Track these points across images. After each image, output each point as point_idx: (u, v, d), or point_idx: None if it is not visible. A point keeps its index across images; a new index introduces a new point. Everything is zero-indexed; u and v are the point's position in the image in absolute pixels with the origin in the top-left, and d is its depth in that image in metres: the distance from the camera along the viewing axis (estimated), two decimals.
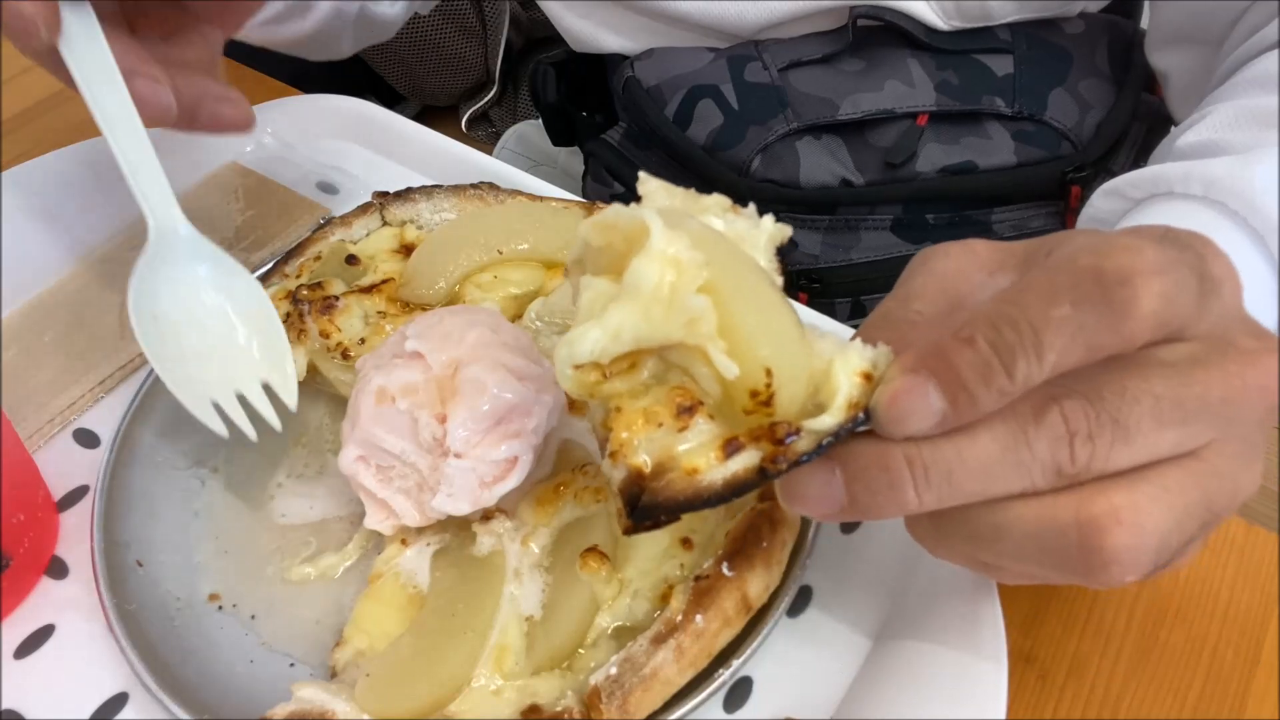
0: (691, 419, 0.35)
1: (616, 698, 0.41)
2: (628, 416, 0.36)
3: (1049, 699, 0.46)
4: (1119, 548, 0.32)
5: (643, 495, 0.35)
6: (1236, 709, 0.45)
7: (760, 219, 0.39)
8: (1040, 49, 0.83)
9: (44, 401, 0.57)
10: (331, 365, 0.55)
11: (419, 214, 0.63)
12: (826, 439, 0.34)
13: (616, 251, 0.35)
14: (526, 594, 0.46)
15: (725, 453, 0.34)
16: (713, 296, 0.33)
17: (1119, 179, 0.60)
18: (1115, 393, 0.33)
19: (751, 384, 0.34)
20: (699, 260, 0.33)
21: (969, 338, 0.32)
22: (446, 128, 0.73)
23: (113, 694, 0.46)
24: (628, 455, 0.35)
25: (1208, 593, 0.49)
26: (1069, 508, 0.33)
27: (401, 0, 0.89)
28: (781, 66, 0.82)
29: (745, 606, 0.43)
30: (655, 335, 0.34)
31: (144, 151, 0.53)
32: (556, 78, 1.01)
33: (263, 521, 0.53)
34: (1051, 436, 0.32)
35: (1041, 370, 0.32)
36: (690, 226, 0.35)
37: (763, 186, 0.83)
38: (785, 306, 0.36)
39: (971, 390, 0.32)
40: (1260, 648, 0.47)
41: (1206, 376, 0.33)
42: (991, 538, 0.35)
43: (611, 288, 0.34)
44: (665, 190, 0.39)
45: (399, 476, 0.47)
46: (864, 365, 0.34)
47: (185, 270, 0.54)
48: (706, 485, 0.34)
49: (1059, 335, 0.31)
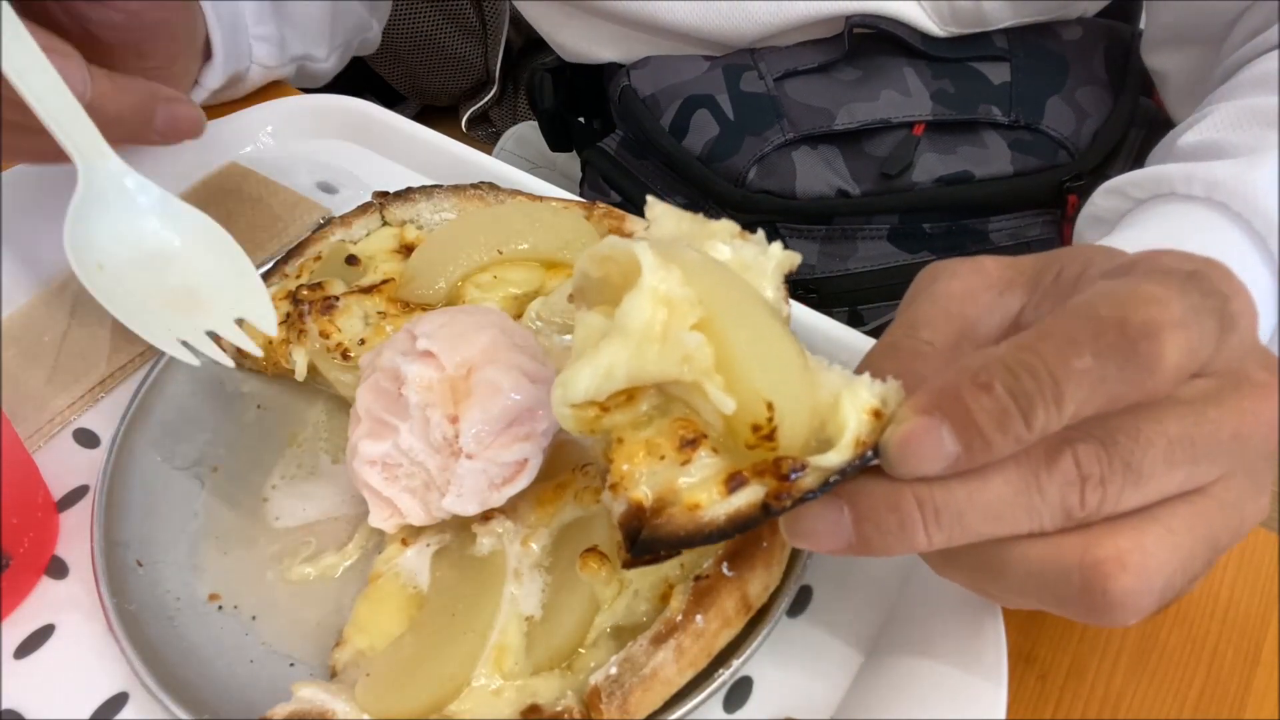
0: (694, 452, 0.35)
1: (616, 698, 0.41)
2: (629, 448, 0.35)
3: (1049, 699, 0.46)
4: (1123, 592, 0.33)
5: (643, 530, 0.34)
6: (1236, 709, 0.45)
7: (769, 246, 0.39)
8: (1037, 57, 0.83)
9: (44, 401, 0.56)
10: (331, 365, 0.55)
11: (419, 214, 0.64)
12: (833, 476, 0.33)
13: (614, 284, 0.35)
14: (526, 594, 0.46)
15: (728, 488, 0.34)
16: (708, 332, 0.33)
17: (1121, 178, 0.60)
18: (1129, 436, 0.33)
19: (752, 418, 0.33)
20: (691, 298, 0.33)
21: (987, 384, 0.32)
22: (446, 128, 0.73)
23: (113, 694, 0.46)
24: (628, 488, 0.34)
25: (1208, 593, 0.49)
26: (1075, 550, 0.33)
27: (335, 54, 0.89)
28: (777, 76, 0.83)
29: (745, 606, 0.43)
30: (649, 373, 0.34)
31: (61, 94, 0.50)
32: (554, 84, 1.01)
33: (262, 521, 0.53)
34: (1063, 481, 0.33)
35: (1060, 420, 0.32)
36: (687, 259, 0.34)
37: (759, 197, 0.83)
38: (788, 339, 0.35)
39: (987, 436, 0.32)
40: (1260, 648, 0.47)
41: (1219, 415, 0.33)
42: (997, 572, 0.35)
43: (605, 323, 0.34)
44: (673, 215, 0.39)
45: (406, 475, 0.47)
46: (873, 401, 0.34)
47: (124, 211, 0.52)
48: (709, 521, 0.34)
49: (1080, 387, 0.31)
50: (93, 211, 0.51)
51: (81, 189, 0.51)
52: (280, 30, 0.79)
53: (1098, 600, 0.33)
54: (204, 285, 0.53)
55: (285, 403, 0.58)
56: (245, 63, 0.77)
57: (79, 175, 0.51)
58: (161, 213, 0.53)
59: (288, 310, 0.58)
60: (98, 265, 0.51)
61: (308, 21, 0.83)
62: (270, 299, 0.54)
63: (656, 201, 0.39)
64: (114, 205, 0.52)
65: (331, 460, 0.55)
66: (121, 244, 0.51)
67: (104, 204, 0.51)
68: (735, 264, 0.38)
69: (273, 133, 0.75)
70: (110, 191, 0.52)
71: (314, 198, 0.70)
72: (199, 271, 0.53)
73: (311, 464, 0.55)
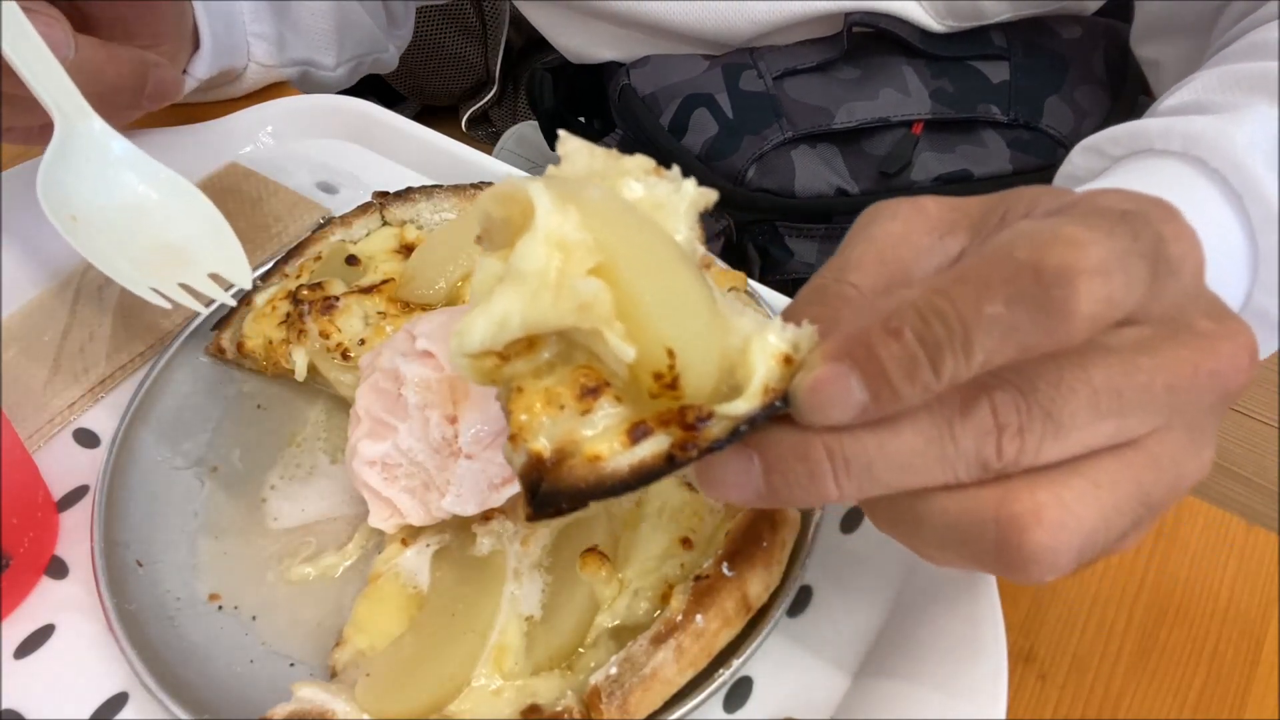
0: (596, 401, 0.33)
1: (616, 698, 0.41)
2: (527, 398, 0.33)
3: (1049, 699, 0.46)
4: (1037, 547, 0.31)
5: (543, 482, 0.32)
6: (1236, 709, 0.45)
7: (683, 183, 0.36)
8: (1036, 56, 0.83)
9: (44, 401, 0.56)
10: (331, 365, 0.55)
11: (419, 214, 0.64)
12: (741, 425, 0.32)
13: (516, 225, 0.33)
14: (526, 594, 0.46)
15: (631, 438, 0.32)
16: (608, 276, 0.31)
17: (1098, 135, 0.58)
18: (1050, 384, 0.31)
19: (654, 366, 0.32)
20: (588, 241, 0.31)
21: (896, 329, 0.30)
22: (446, 128, 0.73)
23: (113, 694, 0.46)
24: (527, 439, 0.32)
25: (1208, 593, 0.49)
26: (990, 503, 0.31)
27: (345, 67, 0.89)
28: (776, 75, 0.83)
29: (745, 606, 0.43)
30: (546, 321, 0.32)
31: (41, 53, 0.52)
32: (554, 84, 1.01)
33: (262, 521, 0.53)
34: (978, 431, 0.31)
35: (970, 369, 0.30)
36: (587, 198, 0.32)
37: (758, 195, 0.83)
38: (694, 282, 0.33)
39: (895, 385, 0.30)
40: (1260, 648, 0.47)
41: (1152, 364, 0.31)
42: (913, 525, 0.34)
43: (501, 268, 0.32)
44: (585, 151, 0.36)
45: (405, 476, 0.47)
46: (783, 347, 0.32)
47: (100, 166, 0.53)
48: (611, 472, 0.32)
49: (990, 334, 0.29)
50: (68, 164, 0.53)
51: (57, 142, 0.53)
52: (279, 30, 0.79)
53: (1013, 555, 0.31)
54: (179, 240, 0.54)
55: (285, 403, 0.58)
56: (241, 59, 0.77)
57: (55, 128, 0.53)
58: (137, 169, 0.55)
59: (288, 310, 0.58)
60: (71, 216, 0.52)
61: (312, 27, 0.83)
62: (244, 254, 0.55)
63: (569, 136, 0.37)
64: (90, 159, 0.53)
65: (331, 460, 0.55)
66: (95, 196, 0.53)
67: (80, 157, 0.53)
68: (647, 203, 0.35)
69: (273, 133, 0.75)
70: (87, 146, 0.53)
71: (314, 198, 0.70)
72: (175, 227, 0.55)
73: (311, 464, 0.55)
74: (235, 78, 0.78)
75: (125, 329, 0.60)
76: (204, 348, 0.59)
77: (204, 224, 0.56)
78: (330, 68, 0.86)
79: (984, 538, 0.32)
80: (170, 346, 0.58)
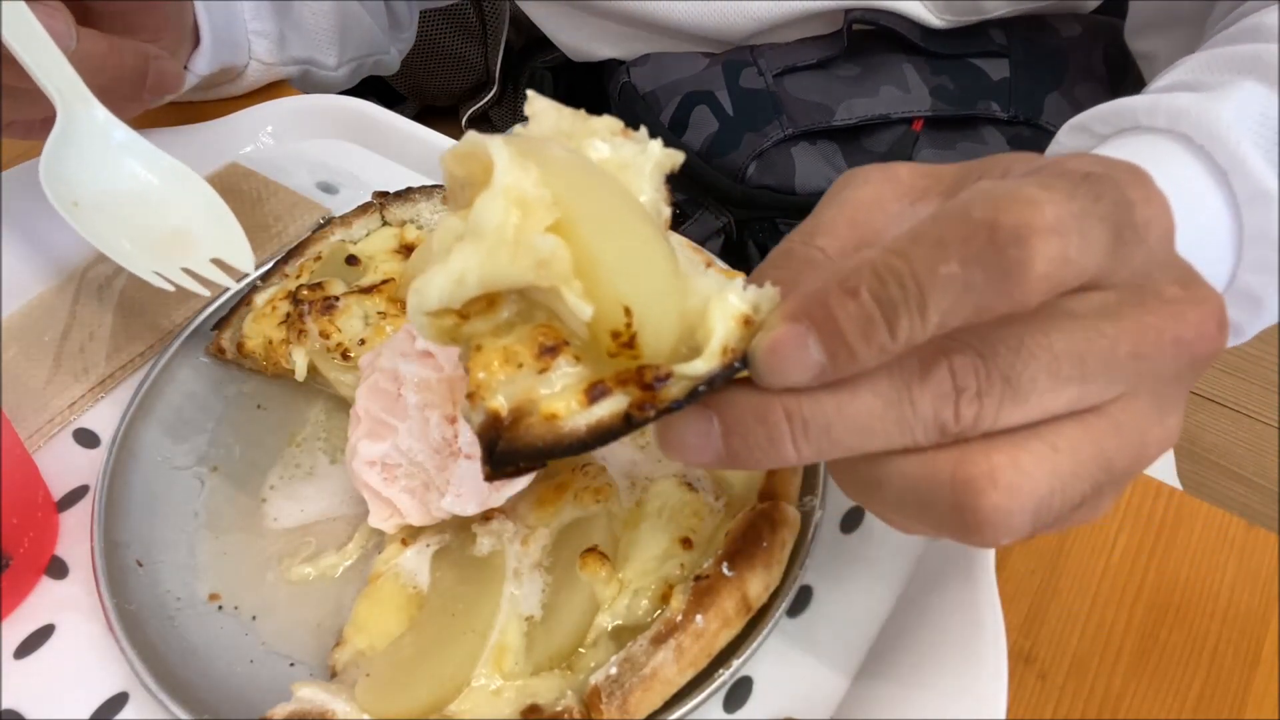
0: (554, 360, 0.33)
1: (616, 698, 0.41)
2: (486, 356, 0.33)
3: (1049, 699, 0.46)
4: (992, 509, 0.31)
5: (500, 440, 0.32)
6: (1236, 709, 0.45)
7: (649, 144, 0.36)
8: (1036, 53, 0.83)
9: (44, 401, 0.56)
10: (331, 365, 0.55)
11: (419, 214, 0.64)
12: (699, 385, 0.32)
13: (477, 183, 0.32)
14: (526, 594, 0.46)
15: (589, 397, 0.32)
16: (567, 234, 0.31)
17: (1086, 113, 0.57)
18: (1010, 348, 0.31)
19: (611, 324, 0.31)
20: (547, 198, 0.31)
21: (853, 289, 0.30)
22: (446, 128, 0.73)
23: (113, 694, 0.46)
24: (485, 397, 0.32)
25: (1208, 593, 0.49)
26: (947, 466, 0.31)
27: (347, 67, 0.89)
28: (776, 72, 0.83)
29: (745, 606, 0.43)
30: (504, 278, 0.31)
31: (42, 41, 0.53)
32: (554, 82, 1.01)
33: (262, 521, 0.53)
34: (937, 394, 0.31)
35: (925, 330, 0.30)
36: (548, 155, 0.32)
37: (758, 192, 0.83)
38: (655, 242, 0.33)
39: (852, 345, 0.30)
40: (1260, 648, 0.47)
41: (1115, 330, 0.31)
42: (871, 488, 0.33)
43: (461, 226, 0.32)
44: (553, 111, 0.36)
45: (405, 476, 0.47)
46: (743, 308, 0.32)
47: (101, 152, 0.54)
48: (569, 431, 0.32)
49: (944, 295, 0.29)
50: (70, 151, 0.53)
51: (59, 129, 0.53)
52: (280, 28, 0.79)
53: (968, 518, 0.31)
54: (181, 224, 0.55)
55: (285, 402, 0.58)
56: (242, 57, 0.77)
57: (58, 115, 0.53)
58: (139, 156, 0.56)
59: (288, 310, 0.58)
60: (74, 202, 0.53)
61: (314, 25, 0.83)
62: (247, 240, 0.56)
63: (537, 96, 0.36)
64: (92, 146, 0.54)
65: (331, 460, 0.55)
66: (97, 182, 0.54)
67: (82, 144, 0.54)
68: (613, 163, 0.35)
69: (273, 133, 0.75)
70: (89, 133, 0.54)
71: (314, 198, 0.70)
72: (176, 212, 0.55)
73: (311, 464, 0.55)
74: (236, 75, 0.78)
75: (125, 329, 0.60)
76: (204, 348, 0.59)
77: (205, 209, 0.56)
78: (332, 68, 0.86)
79: (940, 500, 0.31)
80: (170, 346, 0.58)
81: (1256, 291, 0.52)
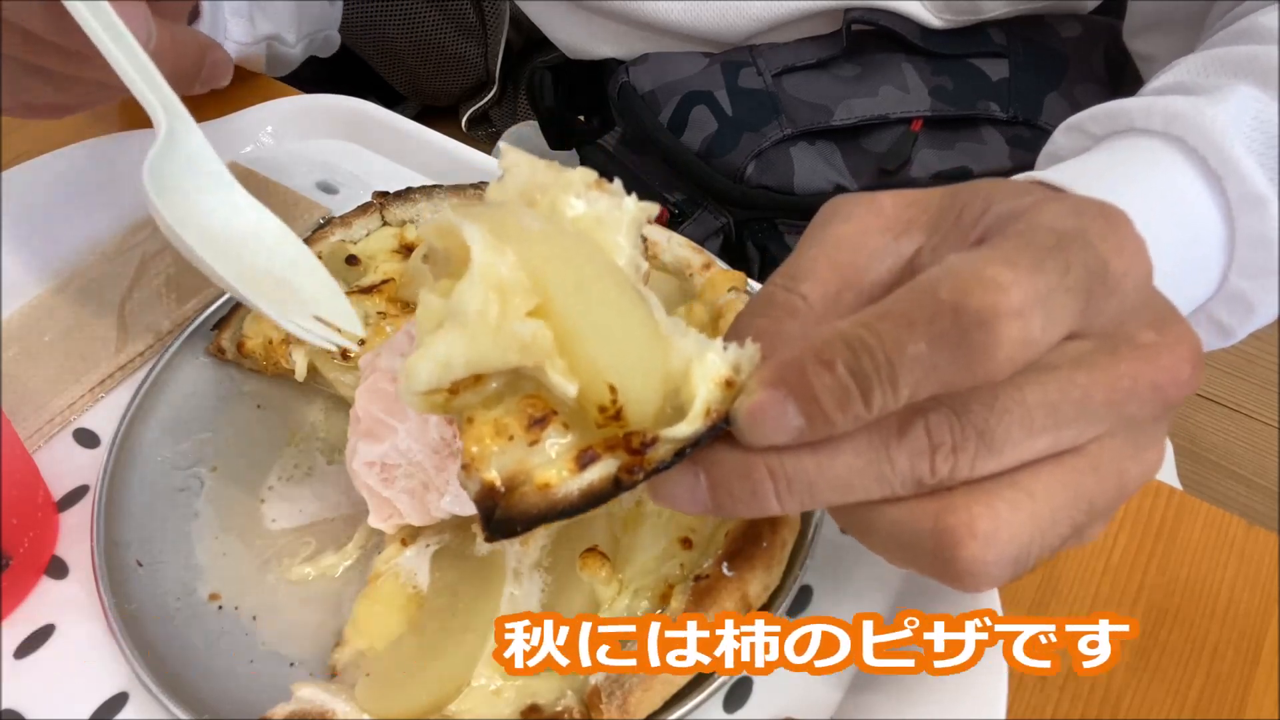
0: (543, 431, 0.34)
1: (616, 698, 0.41)
2: (477, 429, 0.34)
3: (1049, 699, 0.46)
4: (971, 559, 0.32)
5: (497, 509, 0.34)
6: (1236, 709, 0.45)
7: (625, 198, 0.37)
8: (1035, 53, 0.83)
9: (44, 401, 0.56)
10: (331, 365, 0.55)
11: (419, 214, 0.64)
12: (685, 447, 0.33)
13: (457, 257, 0.33)
14: (526, 594, 0.46)
15: (579, 464, 0.33)
16: (547, 314, 0.32)
17: (1081, 114, 0.57)
18: (984, 404, 0.32)
19: (597, 400, 0.33)
20: (525, 283, 0.32)
21: (829, 361, 0.31)
22: (446, 128, 0.73)
23: (113, 694, 0.46)
24: (479, 469, 0.34)
25: (1208, 593, 0.49)
26: (929, 515, 0.33)
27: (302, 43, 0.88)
28: (775, 72, 0.83)
29: (745, 606, 0.43)
30: (488, 361, 0.33)
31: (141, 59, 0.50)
32: (554, 82, 1.01)
33: (262, 521, 0.53)
34: (913, 450, 0.32)
35: (898, 401, 0.31)
36: (524, 234, 0.33)
37: (757, 193, 0.83)
38: (635, 309, 0.34)
39: (829, 414, 0.31)
40: (1260, 648, 0.47)
41: (1089, 380, 0.32)
42: (865, 530, 0.35)
43: (443, 306, 0.33)
44: (527, 164, 0.37)
45: (404, 476, 0.47)
46: (724, 370, 0.33)
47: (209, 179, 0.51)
48: (562, 498, 0.33)
49: (912, 372, 0.30)
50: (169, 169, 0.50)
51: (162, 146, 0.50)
52: (249, 8, 0.79)
53: (949, 567, 0.32)
54: (282, 277, 0.52)
55: (285, 403, 0.58)
56: (221, 39, 0.77)
57: (158, 134, 0.50)
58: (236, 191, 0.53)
59: None
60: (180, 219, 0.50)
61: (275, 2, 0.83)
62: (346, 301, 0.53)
63: (510, 149, 0.38)
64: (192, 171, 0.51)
65: (330, 461, 0.55)
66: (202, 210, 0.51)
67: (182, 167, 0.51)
68: (588, 219, 0.36)
69: (273, 133, 0.75)
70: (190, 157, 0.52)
71: (314, 198, 0.70)
72: (278, 260, 0.52)
73: (310, 464, 0.55)
74: None
75: (125, 329, 0.60)
76: (204, 348, 0.59)
77: (304, 265, 0.53)
78: (292, 44, 0.86)
79: (923, 548, 0.33)
80: (170, 346, 0.58)
81: (1248, 295, 0.52)
